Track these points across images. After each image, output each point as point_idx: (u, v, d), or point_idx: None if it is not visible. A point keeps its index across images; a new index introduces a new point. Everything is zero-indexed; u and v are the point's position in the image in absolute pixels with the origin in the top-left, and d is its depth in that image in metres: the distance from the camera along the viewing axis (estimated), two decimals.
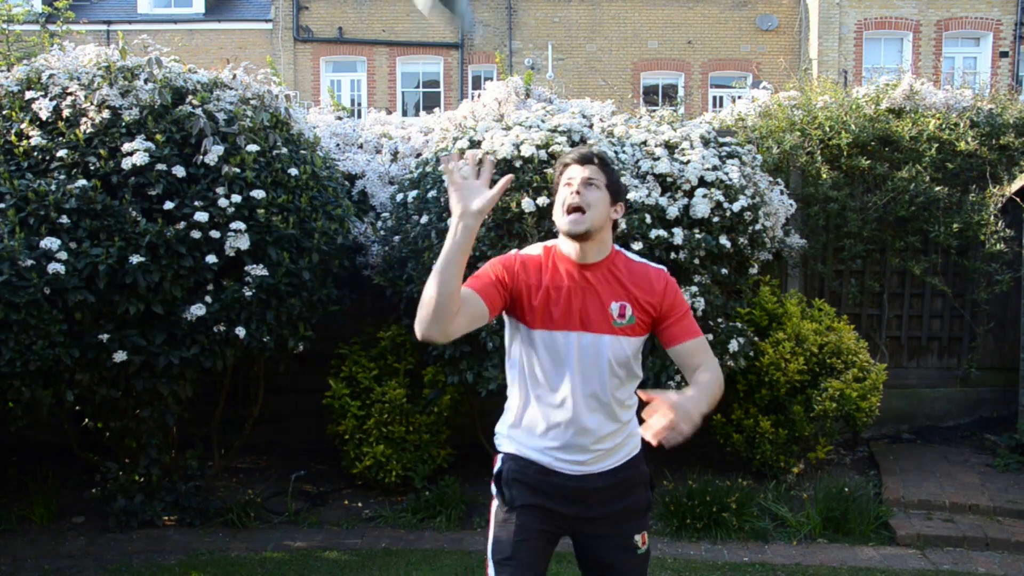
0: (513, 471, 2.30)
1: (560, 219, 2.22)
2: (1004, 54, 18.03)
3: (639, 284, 2.26)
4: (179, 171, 4.25)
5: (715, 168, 4.89)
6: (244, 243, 4.24)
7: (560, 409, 2.24)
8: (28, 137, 4.30)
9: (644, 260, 2.34)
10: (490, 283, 2.19)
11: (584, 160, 2.25)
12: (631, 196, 4.61)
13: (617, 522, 2.31)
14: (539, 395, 2.27)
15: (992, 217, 5.99)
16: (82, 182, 4.11)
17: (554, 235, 2.33)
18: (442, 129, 5.79)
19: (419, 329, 2.14)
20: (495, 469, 2.36)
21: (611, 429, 2.27)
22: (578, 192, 2.19)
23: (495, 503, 2.34)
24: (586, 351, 2.21)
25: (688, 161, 4.88)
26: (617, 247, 2.32)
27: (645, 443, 2.20)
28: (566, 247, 2.25)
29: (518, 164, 4.61)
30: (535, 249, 2.31)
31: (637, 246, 4.46)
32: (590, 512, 2.29)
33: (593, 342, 2.21)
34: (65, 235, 4.02)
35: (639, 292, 2.25)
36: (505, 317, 2.30)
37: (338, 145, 5.96)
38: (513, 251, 2.32)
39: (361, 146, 6.03)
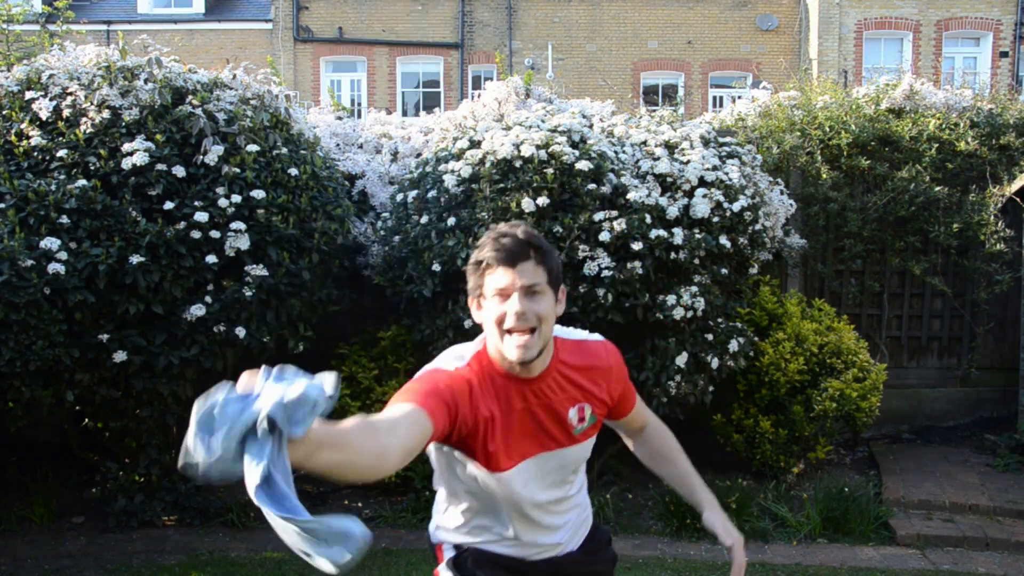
0: (476, 558, 1.91)
1: (499, 342, 1.71)
2: (1004, 54, 18.02)
3: (591, 376, 1.88)
4: (179, 171, 4.25)
5: (715, 168, 4.89)
6: (244, 243, 4.24)
7: (518, 525, 1.89)
8: (28, 137, 4.30)
9: (580, 335, 1.93)
10: (438, 410, 1.63)
11: (515, 258, 1.69)
12: (631, 196, 4.61)
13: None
14: (493, 520, 1.90)
15: (992, 217, 5.99)
16: (82, 182, 4.11)
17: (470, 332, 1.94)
18: (442, 129, 5.79)
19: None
20: (447, 556, 1.94)
21: (574, 525, 1.99)
22: (522, 313, 1.68)
23: None
24: (548, 467, 1.85)
25: (688, 161, 4.88)
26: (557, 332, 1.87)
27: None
28: (505, 363, 1.75)
29: (518, 164, 4.61)
30: (452, 364, 1.76)
31: (637, 246, 4.46)
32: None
33: (556, 456, 1.84)
34: (65, 235, 4.02)
35: (594, 387, 1.87)
36: (437, 450, 1.84)
37: (338, 145, 5.96)
38: (441, 365, 1.77)
39: (361, 146, 6.03)
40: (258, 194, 4.31)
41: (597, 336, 1.98)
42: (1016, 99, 6.65)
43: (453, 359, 1.78)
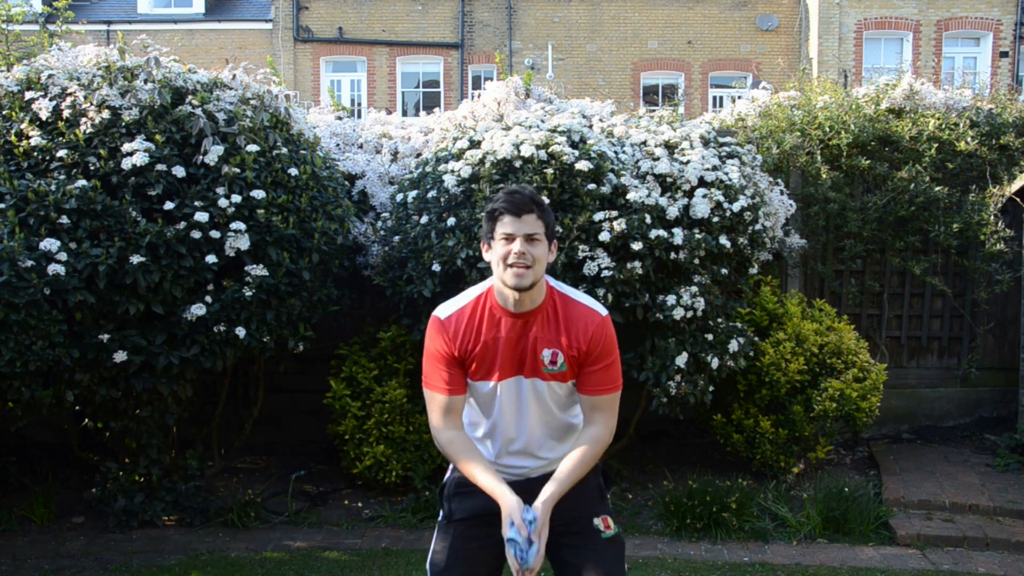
0: (456, 483, 2.37)
1: (503, 274, 2.18)
2: (1004, 54, 18.02)
3: (570, 329, 2.26)
4: (179, 171, 4.25)
5: (715, 168, 4.89)
6: (244, 243, 4.24)
7: (504, 441, 2.36)
8: (28, 137, 4.30)
9: (587, 300, 2.33)
10: (454, 381, 2.26)
11: (521, 210, 2.17)
12: (631, 196, 4.61)
13: (569, 515, 2.27)
14: (480, 424, 2.40)
15: (992, 217, 5.99)
16: (82, 182, 4.11)
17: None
18: (442, 129, 5.78)
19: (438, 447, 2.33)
20: (444, 479, 2.45)
21: (563, 451, 2.32)
22: (522, 253, 2.15)
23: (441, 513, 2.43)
24: (525, 396, 2.28)
25: (688, 161, 4.88)
26: (557, 285, 2.32)
27: (643, 443, 2.21)
28: (502, 297, 2.24)
29: (518, 164, 4.61)
30: (465, 300, 2.30)
31: (637, 246, 4.46)
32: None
33: (530, 385, 2.27)
34: (65, 235, 4.02)
35: (568, 339, 2.25)
36: None
37: (338, 145, 5.96)
38: (437, 312, 2.30)
39: (361, 146, 6.03)
40: (258, 194, 4.31)
41: (598, 306, 2.32)
42: (1016, 99, 6.64)
43: (462, 296, 2.32)
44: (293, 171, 4.56)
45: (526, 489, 2.24)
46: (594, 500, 2.35)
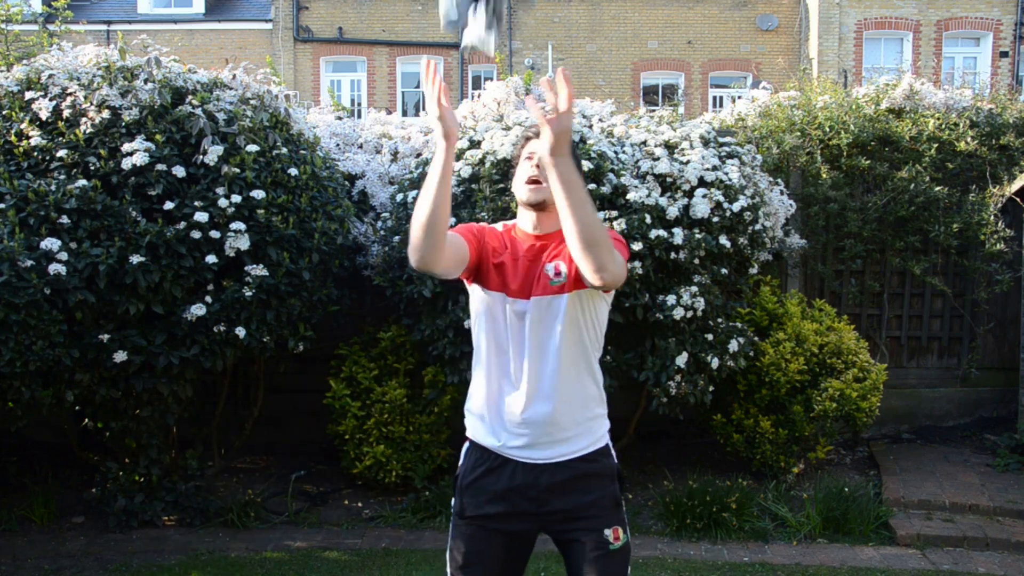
0: (468, 474, 2.28)
1: (520, 189, 2.25)
2: (1004, 54, 18.03)
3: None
4: (179, 171, 4.25)
5: (715, 168, 4.89)
6: (244, 243, 4.24)
7: (517, 387, 2.22)
8: (28, 137, 4.30)
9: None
10: (467, 231, 2.24)
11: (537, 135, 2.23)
12: (631, 196, 4.61)
13: (582, 518, 2.22)
14: (495, 368, 2.26)
15: (992, 217, 5.99)
16: (82, 182, 4.11)
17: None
18: None
19: (413, 254, 2.05)
20: (460, 463, 2.35)
21: (570, 414, 2.23)
22: (538, 165, 2.19)
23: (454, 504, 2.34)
24: (539, 311, 2.20)
25: (688, 161, 4.88)
26: None
27: (643, 443, 2.18)
28: (523, 220, 2.29)
29: None
30: (502, 224, 2.37)
31: (637, 246, 4.46)
32: (549, 507, 2.22)
33: (537, 305, 2.20)
34: (65, 235, 4.02)
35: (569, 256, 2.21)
36: (469, 287, 2.34)
37: (338, 145, 5.96)
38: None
39: (361, 146, 6.03)
40: (258, 194, 4.31)
41: (609, 228, 2.35)
42: (1016, 99, 6.65)
43: (494, 225, 2.37)
44: (293, 171, 4.56)
45: (538, 484, 2.20)
46: (610, 508, 2.26)
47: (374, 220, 5.34)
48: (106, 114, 4.29)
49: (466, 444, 2.34)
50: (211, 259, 4.20)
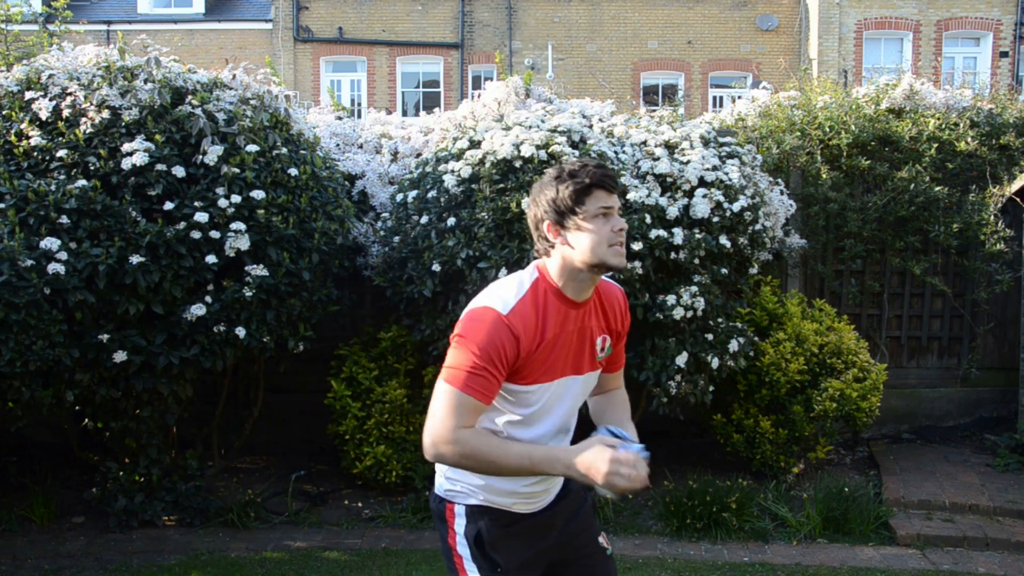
0: (491, 531, 2.05)
1: (606, 253, 1.93)
2: (1004, 54, 18.03)
3: (611, 310, 2.11)
4: (179, 171, 4.25)
5: (715, 168, 4.89)
6: (244, 243, 4.24)
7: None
8: (28, 137, 4.30)
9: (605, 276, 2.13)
10: (499, 383, 1.91)
11: (615, 184, 1.98)
12: (631, 196, 4.61)
13: (580, 532, 2.22)
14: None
15: (992, 217, 5.99)
16: (82, 182, 4.11)
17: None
18: (442, 129, 5.79)
19: (443, 461, 1.89)
20: (463, 529, 2.06)
21: None
22: (623, 229, 1.96)
23: (469, 568, 2.06)
24: (573, 393, 2.06)
25: (688, 161, 4.88)
26: None
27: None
28: (577, 284, 1.98)
29: (518, 164, 4.61)
30: (518, 291, 1.96)
31: (637, 246, 4.46)
32: (563, 534, 2.18)
33: (583, 382, 2.07)
34: (65, 235, 4.02)
35: (611, 321, 2.11)
36: None
37: (338, 145, 5.96)
38: (490, 303, 1.92)
39: (361, 146, 6.03)
40: (258, 194, 4.31)
41: (617, 284, 2.20)
42: (1016, 99, 6.65)
43: (514, 286, 1.97)
44: (293, 171, 4.56)
45: (547, 517, 2.13)
46: (592, 516, 2.28)
47: (374, 220, 5.34)
48: (106, 114, 4.29)
49: (460, 507, 2.08)
50: (211, 259, 4.20)
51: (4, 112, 4.47)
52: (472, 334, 1.88)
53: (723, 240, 4.75)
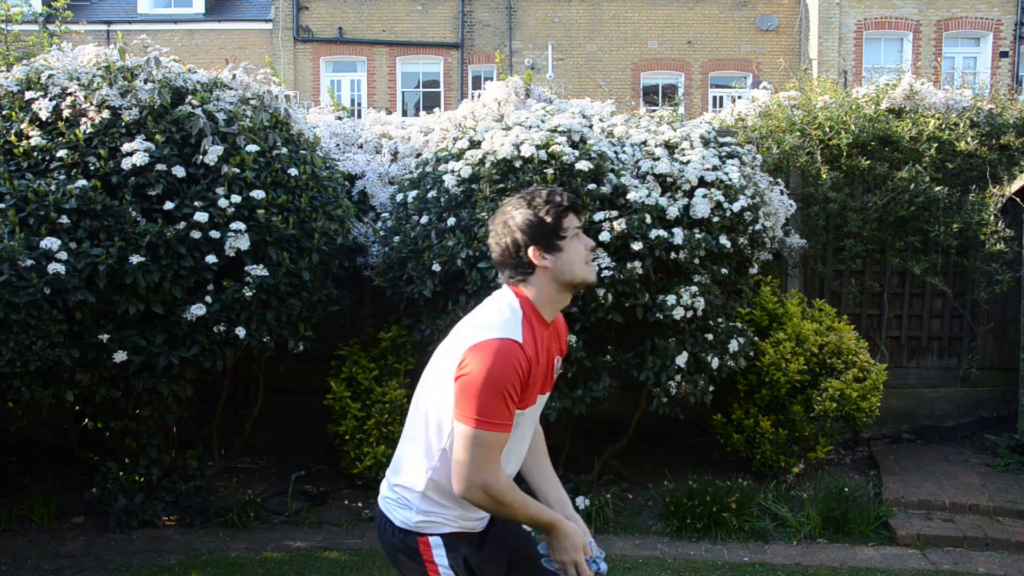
0: (476, 553, 2.09)
1: (583, 270, 2.05)
2: (1004, 54, 18.03)
3: (563, 332, 2.23)
4: (179, 171, 4.25)
5: (715, 168, 4.89)
6: (244, 243, 4.24)
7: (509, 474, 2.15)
8: (28, 137, 4.30)
9: None
10: (513, 415, 1.97)
11: (581, 208, 2.12)
12: (631, 196, 4.61)
13: (525, 550, 2.26)
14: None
15: (992, 217, 5.99)
16: (82, 182, 4.11)
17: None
18: (442, 129, 5.78)
19: (473, 500, 1.97)
20: (447, 560, 2.05)
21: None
22: (594, 247, 2.10)
23: None
24: (538, 412, 2.16)
25: (688, 161, 4.88)
26: None
27: (643, 443, 2.17)
28: (549, 308, 2.06)
29: (518, 164, 4.61)
30: (514, 317, 2.00)
31: (637, 246, 4.46)
32: (511, 541, 2.23)
33: (545, 401, 2.17)
34: (65, 235, 4.02)
35: (562, 342, 2.22)
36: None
37: (338, 145, 5.96)
38: (507, 335, 1.95)
39: (361, 146, 6.02)
40: (258, 194, 4.31)
41: None
42: (1016, 99, 6.64)
43: (512, 320, 1.99)
44: (293, 171, 4.56)
45: (500, 532, 2.18)
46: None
47: (374, 220, 5.34)
48: (106, 114, 4.29)
49: (436, 538, 2.06)
50: (211, 259, 4.20)
51: (4, 112, 4.47)
52: (494, 372, 1.90)
53: (723, 240, 4.75)
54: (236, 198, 4.25)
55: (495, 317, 2.00)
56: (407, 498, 2.07)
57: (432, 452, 2.03)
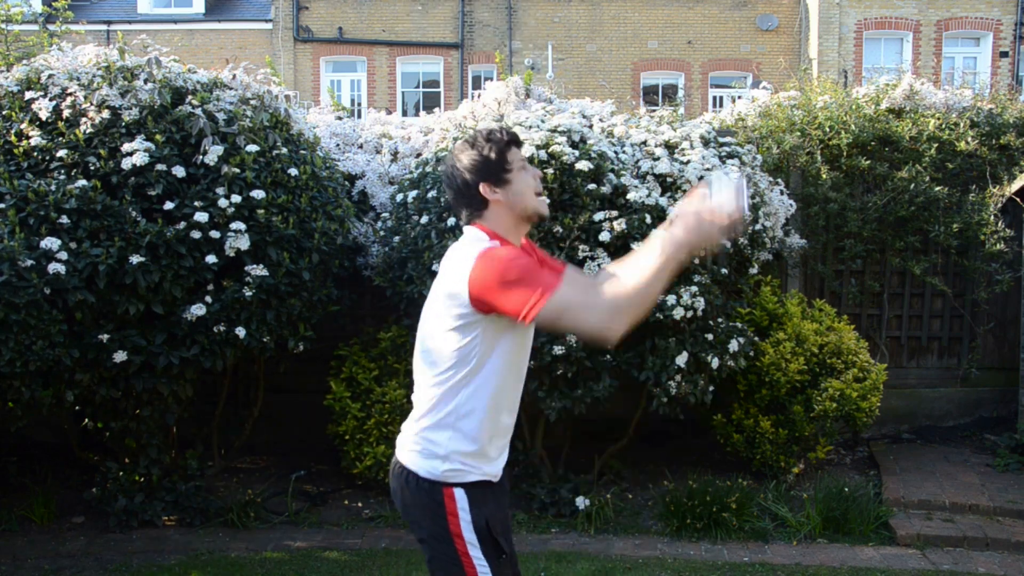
0: (494, 515, 2.11)
1: (535, 202, 2.15)
2: (1004, 54, 18.03)
3: (536, 251, 2.32)
4: (179, 171, 4.25)
5: (715, 168, 4.89)
6: (244, 243, 4.24)
7: (515, 409, 2.21)
8: (28, 137, 4.30)
9: None
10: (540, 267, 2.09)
11: (521, 143, 2.22)
12: (631, 196, 4.61)
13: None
14: (508, 398, 2.15)
15: (992, 217, 5.99)
16: (82, 182, 4.11)
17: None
18: (442, 129, 5.78)
19: (625, 324, 1.87)
20: (471, 516, 2.05)
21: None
22: (541, 175, 2.19)
23: (475, 555, 2.05)
24: (528, 338, 2.22)
25: (688, 161, 4.88)
26: None
27: (643, 443, 2.18)
28: (513, 238, 2.15)
29: None
30: (494, 239, 2.12)
31: (637, 246, 4.46)
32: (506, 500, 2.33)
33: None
34: (65, 235, 4.02)
35: (539, 255, 2.30)
36: (484, 320, 2.03)
37: (338, 145, 5.96)
38: (482, 244, 2.06)
39: (361, 146, 6.03)
40: (258, 194, 4.31)
41: None
42: (1016, 99, 6.65)
43: (489, 239, 2.08)
44: (293, 171, 4.56)
45: (502, 489, 2.24)
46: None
47: (374, 220, 5.34)
48: (106, 114, 4.29)
49: (460, 491, 2.06)
50: (211, 259, 4.20)
51: (4, 112, 4.47)
52: (501, 257, 1.99)
53: (723, 240, 4.74)
54: (236, 198, 4.25)
55: (475, 241, 2.10)
56: (435, 440, 2.08)
57: (451, 385, 2.09)
